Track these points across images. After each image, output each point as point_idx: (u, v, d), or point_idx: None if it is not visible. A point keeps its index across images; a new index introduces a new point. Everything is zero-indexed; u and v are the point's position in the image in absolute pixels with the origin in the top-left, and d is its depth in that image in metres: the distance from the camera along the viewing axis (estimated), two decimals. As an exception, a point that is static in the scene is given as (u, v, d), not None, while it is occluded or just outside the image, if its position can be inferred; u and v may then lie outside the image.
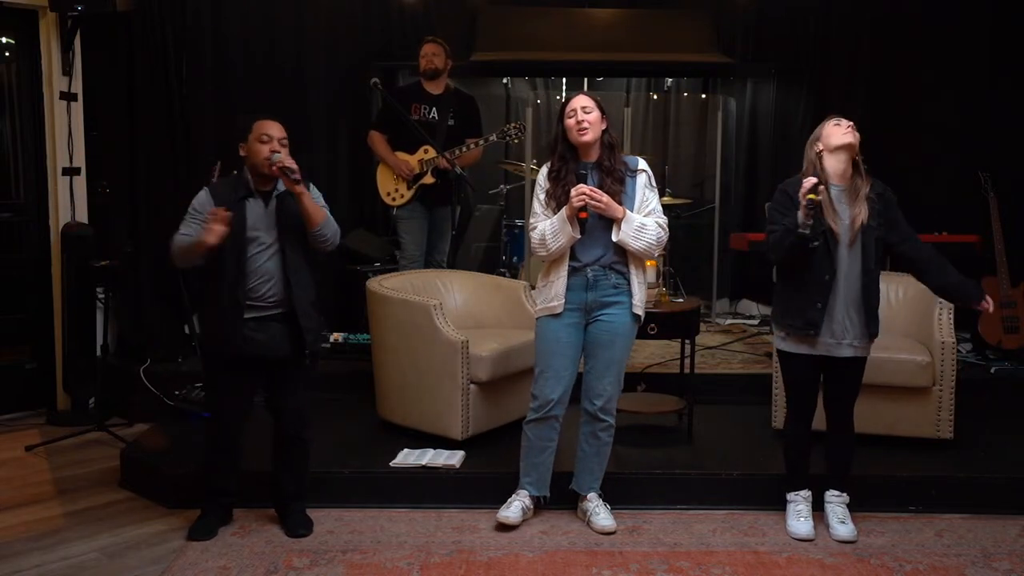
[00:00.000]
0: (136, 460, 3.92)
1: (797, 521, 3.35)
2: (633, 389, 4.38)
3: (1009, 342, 5.14)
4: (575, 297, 3.27)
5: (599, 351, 3.31)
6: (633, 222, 3.21)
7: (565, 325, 3.29)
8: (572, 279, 3.27)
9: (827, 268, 3.16)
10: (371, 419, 4.24)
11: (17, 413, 4.97)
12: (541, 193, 3.33)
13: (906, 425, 3.89)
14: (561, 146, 3.32)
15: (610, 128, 3.32)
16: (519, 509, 3.39)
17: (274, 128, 3.19)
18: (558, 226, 3.21)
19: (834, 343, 3.21)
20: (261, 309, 3.17)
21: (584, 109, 3.25)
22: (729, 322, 6.16)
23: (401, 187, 5.00)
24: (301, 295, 3.20)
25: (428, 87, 5.04)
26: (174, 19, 5.24)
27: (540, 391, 3.33)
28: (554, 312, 3.28)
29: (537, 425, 3.36)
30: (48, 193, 5.02)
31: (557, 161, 3.32)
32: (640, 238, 3.22)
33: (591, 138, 3.25)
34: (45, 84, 4.95)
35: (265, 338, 3.17)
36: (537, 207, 3.33)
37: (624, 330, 3.31)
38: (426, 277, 4.47)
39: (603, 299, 3.28)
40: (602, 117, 3.29)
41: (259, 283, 3.16)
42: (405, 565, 3.10)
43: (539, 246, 3.28)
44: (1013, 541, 3.33)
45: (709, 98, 6.74)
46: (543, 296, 3.33)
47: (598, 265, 3.27)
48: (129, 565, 3.14)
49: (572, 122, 3.25)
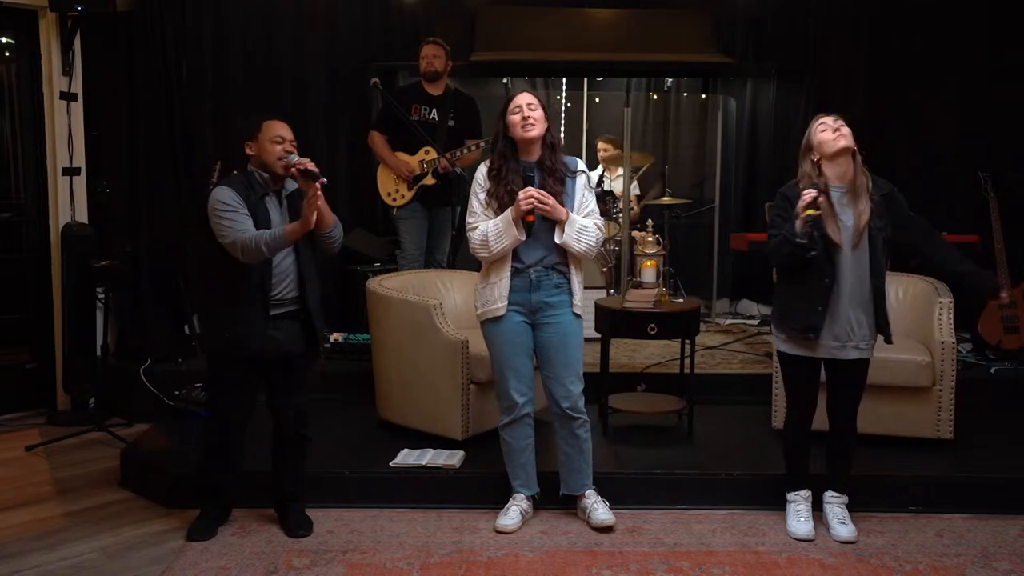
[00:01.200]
0: (136, 460, 3.93)
1: (797, 521, 3.35)
2: (633, 389, 4.39)
3: (1009, 342, 5.14)
4: (519, 298, 3.28)
5: (553, 354, 3.31)
6: (575, 224, 3.22)
7: (513, 324, 3.29)
8: (515, 280, 3.27)
9: (827, 272, 3.13)
10: (371, 419, 4.24)
11: (17, 413, 4.98)
12: (481, 192, 3.30)
13: (906, 425, 3.89)
14: (502, 144, 3.29)
15: (552, 128, 3.32)
16: (517, 514, 3.40)
17: (285, 129, 3.20)
18: (502, 227, 3.19)
19: (837, 346, 3.19)
20: (278, 307, 3.19)
21: (530, 106, 3.23)
22: (729, 322, 6.16)
23: (402, 187, 5.00)
24: (313, 294, 3.24)
25: (428, 88, 5.05)
26: (174, 19, 5.24)
27: (507, 394, 3.34)
28: (497, 315, 3.28)
29: (512, 427, 3.37)
30: (48, 193, 5.02)
31: (497, 159, 3.30)
32: (582, 240, 3.23)
33: (536, 134, 3.23)
34: (45, 84, 4.95)
35: (282, 336, 3.20)
36: (476, 206, 3.30)
37: (572, 328, 3.32)
38: (426, 277, 4.47)
39: (546, 299, 3.28)
40: (545, 116, 3.27)
41: (277, 282, 3.18)
42: (405, 565, 3.10)
43: (480, 247, 3.26)
44: (1013, 541, 3.33)
45: (709, 98, 6.73)
46: (484, 298, 3.32)
47: (540, 266, 3.27)
48: (129, 565, 3.14)
49: (517, 118, 3.23)
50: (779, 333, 3.30)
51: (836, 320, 3.16)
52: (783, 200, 3.21)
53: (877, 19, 5.93)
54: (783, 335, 3.28)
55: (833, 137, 3.12)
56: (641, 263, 4.12)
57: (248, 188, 3.18)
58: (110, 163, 5.22)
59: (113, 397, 4.79)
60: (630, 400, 4.22)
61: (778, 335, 3.31)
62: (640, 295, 4.01)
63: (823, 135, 3.15)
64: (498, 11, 6.12)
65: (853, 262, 3.15)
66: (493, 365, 3.40)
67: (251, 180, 3.20)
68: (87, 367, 4.90)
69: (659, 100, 6.92)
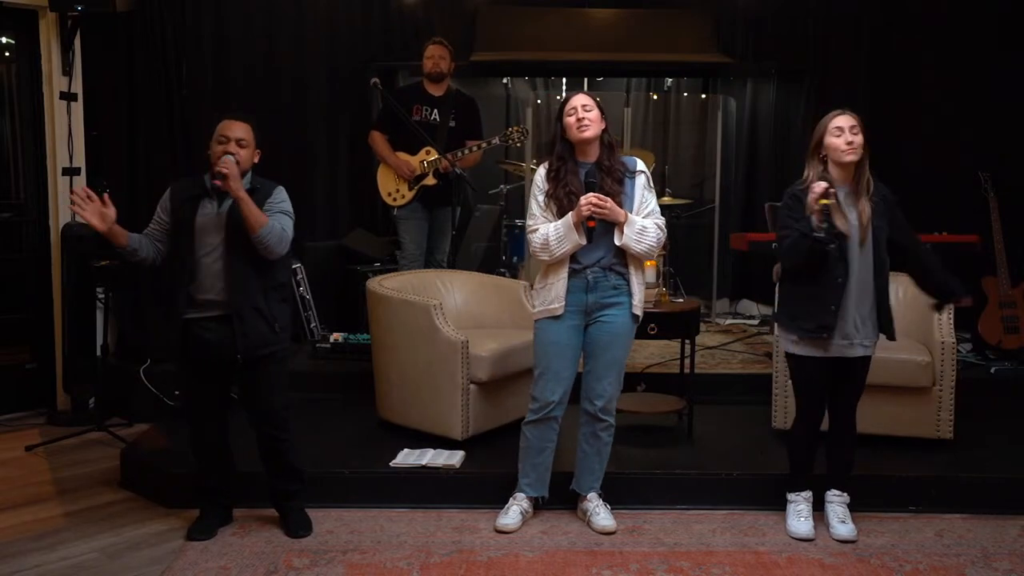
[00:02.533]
0: (136, 460, 3.92)
1: (797, 521, 3.35)
2: (633, 389, 4.39)
3: (1009, 342, 5.14)
4: (575, 299, 3.26)
5: (599, 352, 3.30)
6: (635, 225, 3.20)
7: (566, 327, 3.28)
8: (572, 281, 3.25)
9: (841, 271, 3.13)
10: (371, 419, 4.24)
11: (17, 413, 4.97)
12: (540, 194, 3.30)
13: (906, 425, 3.89)
14: (560, 146, 3.29)
15: (609, 128, 3.31)
16: (517, 514, 3.39)
17: (235, 129, 3.16)
18: (563, 232, 3.19)
19: (846, 344, 3.19)
20: (207, 309, 3.16)
21: (584, 107, 3.23)
22: (729, 322, 6.16)
23: (402, 187, 5.00)
24: (241, 299, 3.13)
25: (430, 88, 5.04)
26: (174, 19, 5.24)
27: (540, 393, 3.33)
28: (555, 314, 3.27)
29: (536, 426, 3.36)
30: (48, 193, 5.01)
31: (555, 161, 3.29)
32: (642, 241, 3.21)
33: (592, 135, 3.23)
34: (45, 84, 4.95)
35: (214, 339, 3.15)
36: (536, 208, 3.30)
37: (624, 331, 3.30)
38: (426, 277, 4.47)
39: (603, 300, 3.27)
40: (602, 117, 3.27)
41: (208, 284, 3.15)
42: (405, 565, 3.10)
43: (541, 250, 3.25)
44: (1013, 541, 3.33)
45: (709, 98, 6.74)
46: (542, 298, 3.32)
47: (598, 267, 3.25)
48: (129, 565, 3.14)
49: (572, 119, 3.23)
50: (788, 335, 3.27)
51: (845, 319, 3.16)
52: (793, 200, 3.18)
53: (877, 19, 5.93)
54: (793, 336, 3.24)
55: (844, 149, 3.12)
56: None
57: (190, 188, 3.19)
58: (110, 163, 5.22)
59: (113, 397, 4.79)
60: (630, 400, 4.22)
61: (787, 337, 3.28)
62: (640, 295, 4.00)
63: (836, 140, 3.13)
64: (498, 11, 6.12)
65: (860, 260, 3.16)
66: (536, 360, 3.36)
67: (196, 180, 3.22)
68: (87, 367, 4.90)
69: (659, 100, 6.92)
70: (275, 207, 3.19)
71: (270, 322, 3.19)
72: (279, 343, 3.23)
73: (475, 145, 4.93)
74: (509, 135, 4.91)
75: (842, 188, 3.17)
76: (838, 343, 3.18)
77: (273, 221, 3.13)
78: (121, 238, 3.17)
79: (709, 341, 5.43)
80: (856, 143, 3.12)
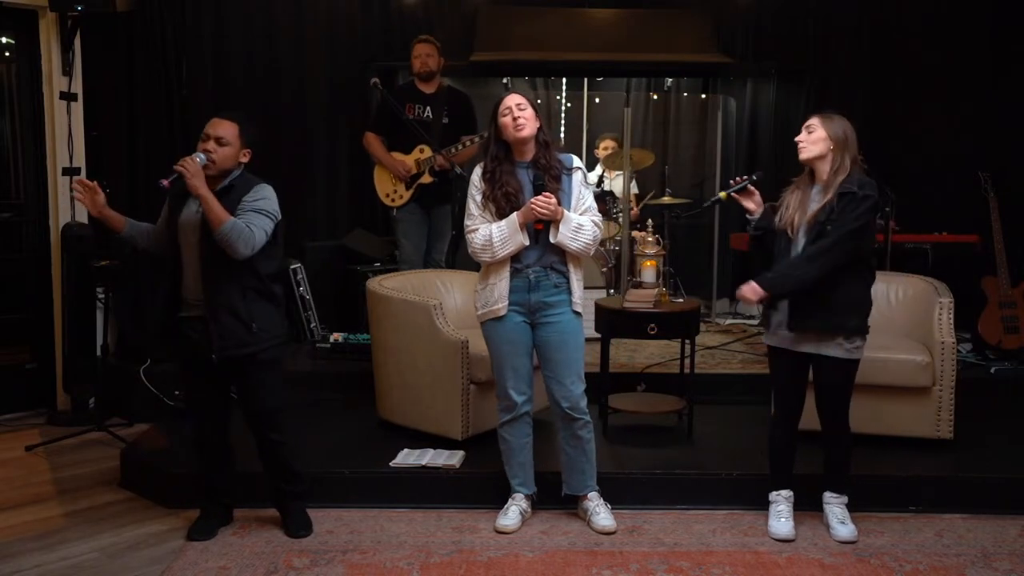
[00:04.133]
0: (136, 460, 3.93)
1: (777, 522, 3.35)
2: (633, 389, 4.39)
3: (1009, 342, 5.14)
4: (518, 298, 3.27)
5: (553, 353, 3.30)
6: (571, 222, 3.21)
7: (512, 325, 3.29)
8: (514, 280, 3.27)
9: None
10: (371, 419, 4.24)
11: (17, 413, 4.97)
12: (477, 195, 3.30)
13: (906, 425, 3.89)
14: (494, 146, 3.29)
15: (544, 126, 3.30)
16: (516, 514, 3.40)
17: (218, 127, 3.15)
18: (507, 233, 3.19)
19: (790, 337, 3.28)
20: (192, 308, 3.16)
21: (519, 106, 3.22)
22: (729, 322, 6.16)
23: (399, 188, 4.99)
24: (216, 298, 3.11)
25: (422, 86, 5.03)
26: (174, 19, 5.25)
27: (506, 393, 3.34)
28: (498, 315, 3.28)
29: (511, 426, 3.37)
30: (48, 193, 5.01)
31: (491, 162, 3.29)
32: (578, 238, 3.22)
33: (528, 133, 3.22)
34: (45, 84, 4.95)
35: (197, 337, 3.15)
36: (474, 208, 3.30)
37: (572, 328, 3.31)
38: (426, 277, 4.47)
39: (545, 299, 3.27)
40: (536, 115, 3.26)
41: (191, 283, 3.15)
42: (405, 565, 3.10)
43: (482, 251, 3.25)
44: (1013, 541, 3.33)
45: (709, 98, 6.73)
46: (483, 299, 3.32)
47: (539, 266, 3.26)
48: (129, 565, 3.14)
49: (508, 119, 3.22)
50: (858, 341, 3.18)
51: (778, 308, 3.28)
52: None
53: (877, 19, 5.94)
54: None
55: (800, 147, 3.22)
56: (641, 263, 4.11)
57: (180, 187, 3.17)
58: (110, 163, 5.23)
59: (113, 397, 4.79)
60: (630, 400, 4.22)
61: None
62: (640, 295, 4.01)
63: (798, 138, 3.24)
64: (498, 11, 6.12)
65: None
66: (492, 364, 3.40)
67: None
68: (87, 367, 4.90)
69: (659, 100, 6.91)
70: (249, 205, 3.11)
71: (246, 323, 3.12)
72: (257, 344, 3.14)
73: (468, 140, 4.89)
74: None
75: (817, 185, 3.21)
76: (782, 334, 3.22)
77: (240, 219, 3.05)
78: (116, 222, 3.19)
79: (709, 341, 5.43)
80: (811, 137, 3.18)
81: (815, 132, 3.19)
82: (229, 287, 3.11)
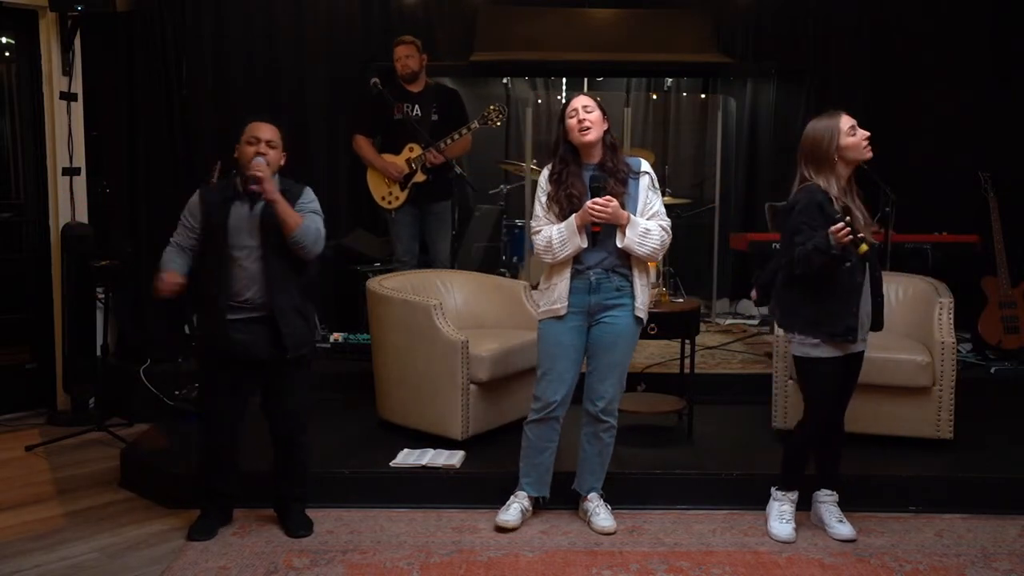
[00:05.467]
0: (136, 460, 3.93)
1: (780, 523, 3.33)
2: (633, 389, 4.38)
3: (1009, 342, 5.14)
4: (578, 300, 3.26)
5: (602, 353, 3.30)
6: (638, 227, 3.20)
7: (568, 328, 3.28)
8: (575, 282, 3.26)
9: (860, 272, 3.12)
10: (371, 419, 4.24)
11: (17, 413, 4.97)
12: (543, 196, 3.30)
13: (906, 425, 3.89)
14: (562, 148, 3.29)
15: (611, 129, 3.30)
16: (517, 511, 3.39)
17: (264, 130, 3.17)
18: (566, 235, 3.19)
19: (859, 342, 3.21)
20: (246, 311, 3.16)
21: (585, 108, 3.23)
22: (729, 322, 6.16)
23: (394, 190, 4.96)
24: (281, 299, 3.16)
25: (407, 86, 5.00)
26: (174, 19, 5.25)
27: (543, 393, 3.33)
28: (558, 315, 3.27)
29: (538, 426, 3.36)
30: (48, 193, 5.01)
31: (558, 163, 3.29)
32: (644, 243, 3.21)
33: (594, 138, 3.23)
34: (45, 84, 4.95)
35: (249, 340, 3.16)
36: (539, 210, 3.31)
37: (627, 332, 3.30)
38: (426, 277, 4.47)
39: (606, 302, 3.26)
40: (603, 117, 3.27)
41: (243, 286, 3.15)
42: (405, 565, 3.10)
43: (544, 252, 3.26)
44: (1013, 541, 3.33)
45: (709, 98, 6.74)
46: (546, 298, 3.32)
47: (601, 268, 3.25)
48: (129, 565, 3.14)
49: (574, 122, 3.22)
50: (810, 338, 3.16)
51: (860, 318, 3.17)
52: (815, 208, 3.07)
53: (877, 19, 5.94)
54: (816, 339, 3.14)
55: (865, 147, 3.12)
56: (641, 263, 4.11)
57: (221, 191, 3.20)
58: (110, 163, 5.22)
59: (113, 397, 4.79)
60: (630, 400, 4.21)
61: (808, 340, 3.16)
62: (640, 295, 4.00)
63: (853, 140, 3.10)
64: (498, 11, 6.12)
65: None
66: (539, 360, 3.36)
67: (228, 183, 3.23)
68: (87, 367, 4.91)
69: (659, 100, 6.91)
70: (306, 207, 3.22)
71: (308, 321, 3.26)
72: (312, 343, 3.31)
73: (456, 133, 4.85)
74: (488, 116, 4.80)
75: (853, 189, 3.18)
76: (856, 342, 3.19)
77: (307, 221, 3.16)
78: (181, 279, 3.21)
79: (709, 341, 5.43)
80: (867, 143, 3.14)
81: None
82: (292, 287, 3.20)
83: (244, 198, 3.18)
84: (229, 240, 3.14)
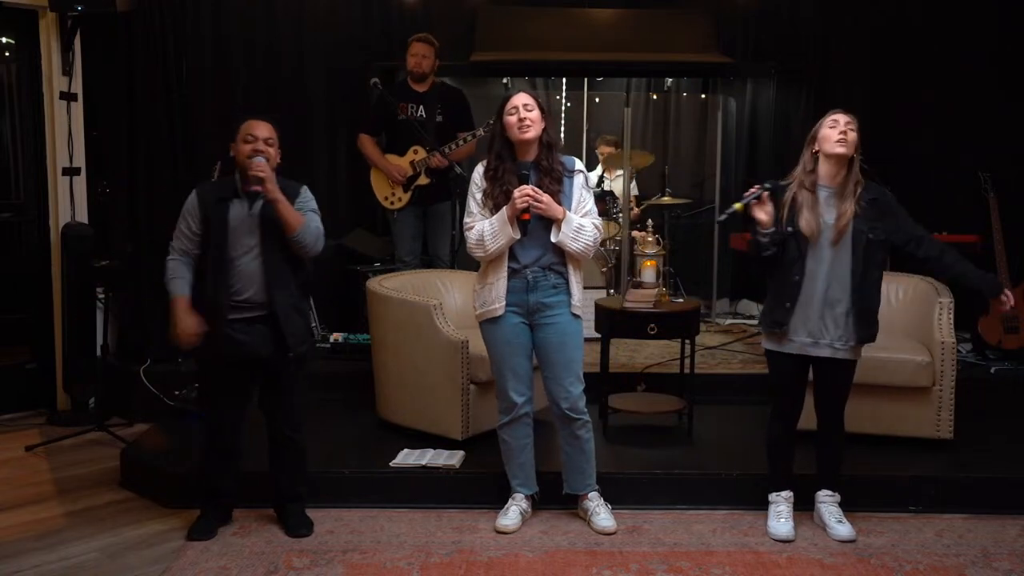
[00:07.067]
0: (136, 460, 3.93)
1: (777, 522, 3.34)
2: (633, 389, 4.39)
3: (1009, 342, 5.14)
4: (516, 299, 3.27)
5: (552, 354, 3.30)
6: (572, 223, 3.21)
7: (511, 325, 3.29)
8: (512, 281, 3.26)
9: (797, 268, 3.17)
10: (371, 419, 4.24)
11: (17, 413, 4.97)
12: (478, 192, 3.30)
13: (906, 425, 3.89)
14: (498, 144, 3.29)
15: (549, 127, 3.30)
16: (516, 514, 3.40)
17: (261, 128, 3.17)
18: (497, 227, 3.19)
19: (811, 343, 3.20)
20: (245, 310, 3.16)
21: (526, 107, 3.22)
22: (729, 322, 6.16)
23: (397, 190, 4.96)
24: (282, 298, 3.17)
25: (414, 85, 5.00)
26: (174, 19, 5.24)
27: (505, 394, 3.34)
28: (495, 315, 3.27)
29: (511, 427, 3.37)
30: (48, 193, 5.01)
31: (494, 160, 3.29)
32: (578, 239, 3.22)
33: (533, 135, 3.22)
34: (45, 84, 4.95)
35: (248, 339, 3.16)
36: (473, 206, 3.30)
37: (571, 329, 3.31)
38: (426, 277, 4.47)
39: (544, 300, 3.27)
40: (543, 116, 3.26)
41: (242, 285, 3.15)
42: (405, 565, 3.10)
43: (476, 246, 3.26)
44: (1013, 541, 3.33)
45: (709, 98, 6.73)
46: (482, 299, 3.32)
47: (538, 266, 3.26)
48: (129, 565, 3.15)
49: (513, 119, 3.21)
50: (762, 329, 3.36)
51: (808, 317, 3.18)
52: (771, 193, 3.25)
53: (877, 19, 5.93)
54: (763, 330, 3.34)
55: (836, 139, 3.13)
56: (641, 263, 4.12)
57: (219, 190, 3.19)
58: (110, 163, 5.22)
59: (113, 397, 4.79)
60: (630, 400, 4.22)
61: (762, 331, 3.37)
62: (640, 295, 4.01)
63: (829, 131, 3.15)
64: (498, 11, 6.11)
65: (832, 262, 3.16)
66: (492, 365, 3.40)
67: (225, 182, 3.24)
68: (87, 367, 4.90)
69: (659, 100, 6.91)
70: (305, 206, 3.24)
71: (307, 320, 3.27)
72: (313, 340, 3.31)
73: (463, 137, 4.85)
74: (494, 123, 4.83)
75: (828, 188, 3.18)
76: (801, 340, 3.21)
77: (308, 220, 3.18)
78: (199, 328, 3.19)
79: (709, 341, 5.43)
80: (849, 138, 3.12)
81: (853, 133, 3.15)
82: (292, 286, 3.21)
83: (242, 197, 3.18)
84: (229, 240, 3.14)
